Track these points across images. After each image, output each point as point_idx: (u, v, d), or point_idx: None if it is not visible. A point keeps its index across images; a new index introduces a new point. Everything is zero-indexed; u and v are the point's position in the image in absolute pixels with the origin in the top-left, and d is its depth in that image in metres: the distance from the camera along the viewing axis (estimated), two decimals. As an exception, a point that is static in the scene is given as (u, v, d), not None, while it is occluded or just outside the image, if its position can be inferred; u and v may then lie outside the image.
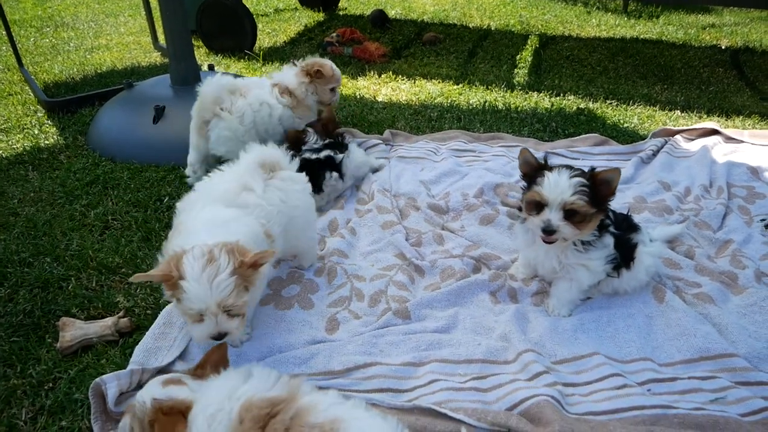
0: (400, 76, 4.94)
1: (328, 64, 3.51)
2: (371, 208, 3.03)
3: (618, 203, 2.44)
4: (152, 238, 2.83)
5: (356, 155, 3.27)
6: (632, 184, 3.38)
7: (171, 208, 3.07)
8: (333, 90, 3.60)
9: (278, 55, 5.46)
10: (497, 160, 3.55)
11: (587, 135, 3.84)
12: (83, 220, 2.98)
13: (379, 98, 4.55)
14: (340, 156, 3.14)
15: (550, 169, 2.20)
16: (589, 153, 3.68)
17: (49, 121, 4.04)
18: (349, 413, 1.48)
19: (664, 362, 2.19)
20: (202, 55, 5.48)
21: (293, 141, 3.21)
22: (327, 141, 3.20)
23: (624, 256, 2.36)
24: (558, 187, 2.13)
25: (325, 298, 2.50)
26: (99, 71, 5.09)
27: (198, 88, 3.20)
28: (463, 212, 3.02)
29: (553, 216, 2.15)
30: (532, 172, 2.25)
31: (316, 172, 2.97)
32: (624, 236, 2.35)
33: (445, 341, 2.25)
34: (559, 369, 2.14)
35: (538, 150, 3.68)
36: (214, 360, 1.75)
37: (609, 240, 2.29)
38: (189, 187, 3.24)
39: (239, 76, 3.83)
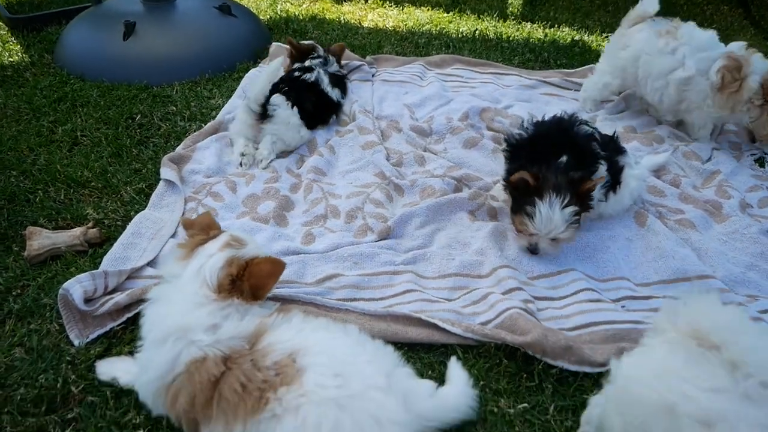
0: (387, 3, 4.74)
1: None
2: (352, 129, 2.94)
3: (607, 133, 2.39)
4: (123, 154, 2.73)
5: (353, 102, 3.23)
6: (623, 114, 3.30)
7: (143, 126, 2.97)
8: None
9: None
10: (485, 87, 3.45)
11: (587, 66, 3.70)
12: (51, 136, 2.87)
13: (365, 24, 4.37)
14: (343, 100, 3.13)
15: (540, 190, 2.04)
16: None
17: (12, 39, 3.83)
18: (308, 339, 1.47)
19: (640, 282, 2.18)
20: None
21: (305, 52, 3.19)
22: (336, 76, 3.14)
23: (612, 180, 2.29)
24: (551, 223, 2.05)
25: (300, 217, 2.45)
26: (69, -11, 4.82)
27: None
28: (447, 135, 2.94)
29: (541, 242, 2.15)
30: (522, 192, 2.11)
31: (325, 110, 3.02)
32: (612, 158, 2.29)
33: (420, 256, 2.22)
34: (535, 284, 2.13)
35: (531, 78, 3.57)
36: (203, 222, 1.74)
37: (602, 169, 2.21)
38: (162, 104, 3.14)
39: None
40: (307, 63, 3.11)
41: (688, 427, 1.25)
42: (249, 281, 1.58)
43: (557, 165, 2.08)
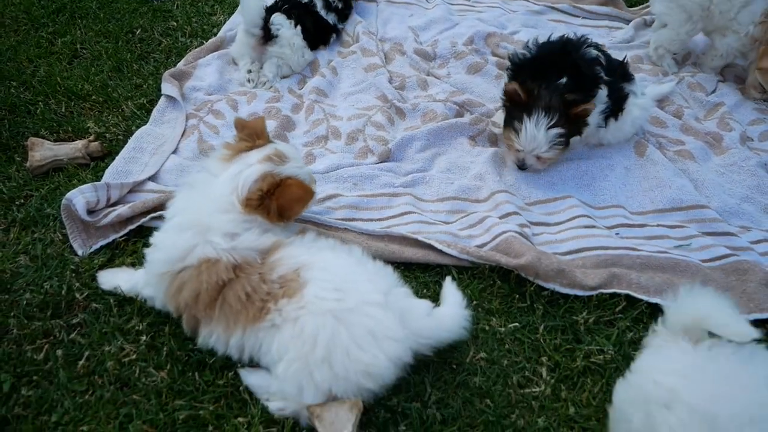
0: None
1: None
2: (355, 50, 2.89)
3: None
4: (124, 69, 2.70)
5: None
6: (632, 43, 3.22)
7: (143, 40, 2.91)
8: None
9: None
10: (491, 11, 3.35)
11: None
12: (50, 47, 2.83)
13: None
14: (340, 26, 3.06)
15: (530, 108, 2.07)
16: (593, 13, 3.45)
17: (8, -56, 3.69)
18: (314, 257, 1.51)
19: (635, 211, 2.21)
20: None
21: None
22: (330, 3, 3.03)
23: (613, 106, 2.27)
24: (534, 141, 2.10)
25: (301, 137, 2.45)
26: None
27: None
28: (451, 60, 2.89)
29: (527, 158, 2.20)
30: (514, 106, 2.15)
31: (323, 32, 2.97)
32: (616, 84, 2.26)
33: (419, 179, 2.25)
34: (532, 209, 2.16)
35: (539, 3, 3.46)
36: (254, 129, 1.71)
37: (602, 93, 2.19)
38: (162, 20, 3.06)
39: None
40: None
41: (656, 411, 1.25)
42: (278, 200, 1.57)
43: (555, 85, 2.08)
